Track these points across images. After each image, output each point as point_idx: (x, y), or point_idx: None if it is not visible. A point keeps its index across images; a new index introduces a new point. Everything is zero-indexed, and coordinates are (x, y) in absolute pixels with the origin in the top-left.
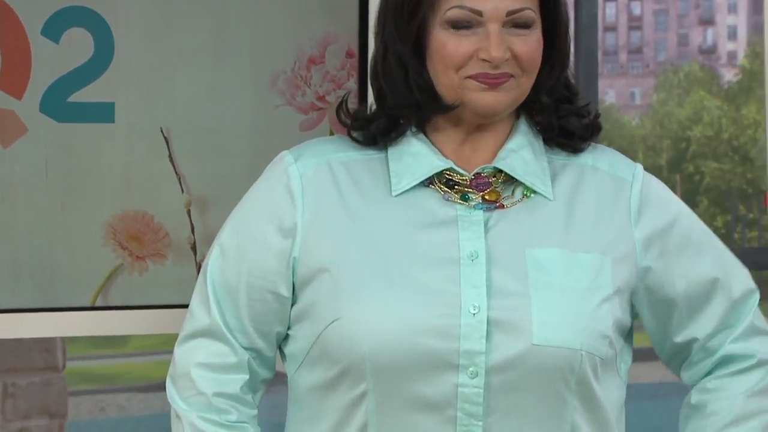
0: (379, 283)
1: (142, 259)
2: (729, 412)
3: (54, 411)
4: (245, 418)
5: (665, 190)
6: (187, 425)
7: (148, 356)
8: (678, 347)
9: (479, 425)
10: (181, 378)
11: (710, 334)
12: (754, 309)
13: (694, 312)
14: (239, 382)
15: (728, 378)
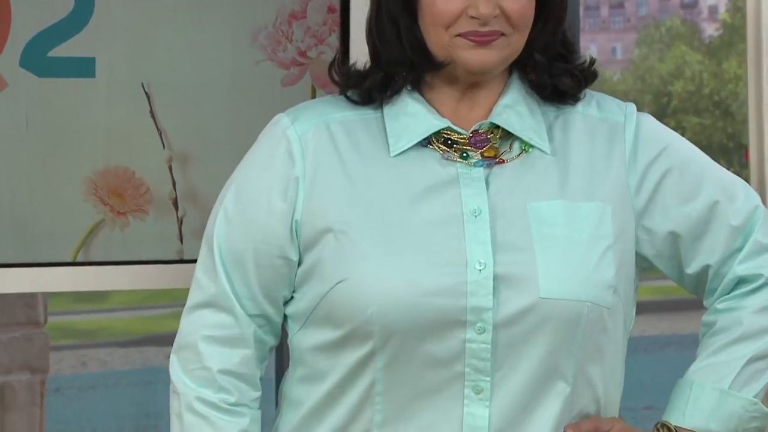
0: (385, 243)
1: (124, 214)
2: (736, 329)
3: (36, 366)
4: (246, 399)
5: (657, 125)
6: (185, 407)
7: (130, 311)
8: (695, 277)
9: (487, 380)
10: (187, 349)
11: (721, 259)
12: (758, 225)
13: (698, 239)
14: (244, 357)
15: (737, 299)
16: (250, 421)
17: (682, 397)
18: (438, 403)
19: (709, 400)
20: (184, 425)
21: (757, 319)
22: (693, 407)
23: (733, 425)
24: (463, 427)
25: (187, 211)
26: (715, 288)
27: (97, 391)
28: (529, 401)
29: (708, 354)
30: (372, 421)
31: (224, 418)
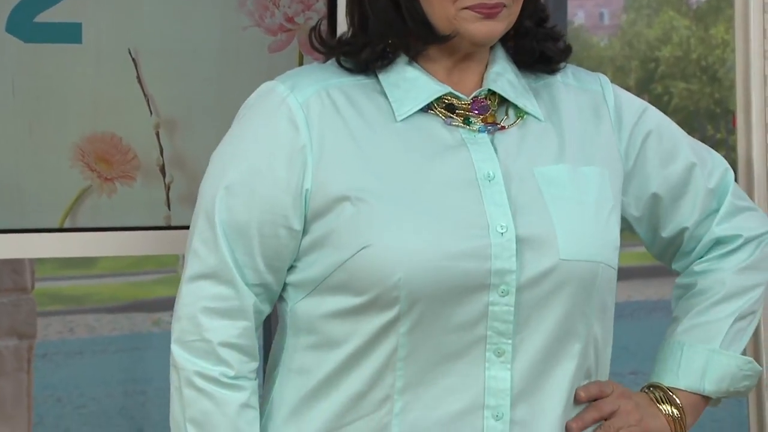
0: (405, 209)
1: (111, 180)
2: (719, 289)
3: (23, 332)
4: (245, 371)
5: (629, 93)
6: (184, 382)
7: (117, 277)
8: (669, 241)
9: (509, 343)
10: (186, 320)
11: (697, 222)
12: (731, 188)
13: (677, 201)
14: (244, 329)
15: (716, 259)
16: (250, 393)
17: (673, 359)
18: (460, 367)
19: (701, 360)
20: (184, 400)
21: (738, 278)
22: (686, 368)
23: (726, 384)
24: (486, 390)
25: (174, 177)
26: (689, 251)
27: (84, 357)
28: (547, 362)
29: (693, 315)
30: (393, 386)
31: (225, 393)
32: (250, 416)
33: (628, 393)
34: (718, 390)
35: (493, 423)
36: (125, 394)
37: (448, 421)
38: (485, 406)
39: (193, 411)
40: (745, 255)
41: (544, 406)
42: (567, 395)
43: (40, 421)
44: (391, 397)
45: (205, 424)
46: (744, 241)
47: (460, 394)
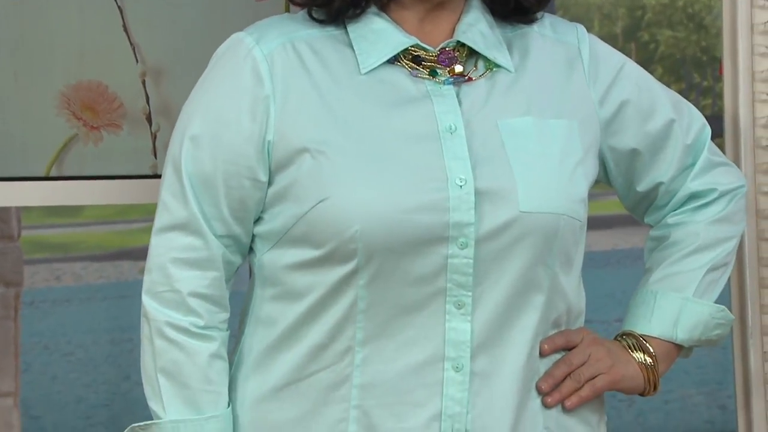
0: (364, 162)
1: (97, 129)
2: (693, 240)
3: (9, 279)
4: (215, 322)
5: (607, 46)
6: (155, 332)
7: (103, 226)
8: (644, 194)
9: (469, 295)
10: (156, 271)
11: (673, 176)
12: (707, 143)
13: (655, 156)
14: (214, 279)
15: (690, 212)
16: (220, 344)
17: (646, 307)
18: (420, 319)
19: (674, 308)
20: (155, 350)
21: (712, 229)
22: (659, 316)
23: (698, 333)
24: (446, 342)
25: (161, 126)
26: (663, 205)
27: (71, 305)
28: (508, 314)
29: (667, 265)
30: (354, 338)
31: (194, 343)
32: (220, 366)
33: (599, 340)
34: (691, 338)
35: (453, 374)
36: (112, 342)
37: (408, 373)
38: (445, 358)
39: (164, 361)
40: (719, 208)
41: (505, 358)
42: (529, 347)
43: (27, 368)
44: (352, 349)
45: (176, 374)
46: (718, 194)
47: (421, 346)
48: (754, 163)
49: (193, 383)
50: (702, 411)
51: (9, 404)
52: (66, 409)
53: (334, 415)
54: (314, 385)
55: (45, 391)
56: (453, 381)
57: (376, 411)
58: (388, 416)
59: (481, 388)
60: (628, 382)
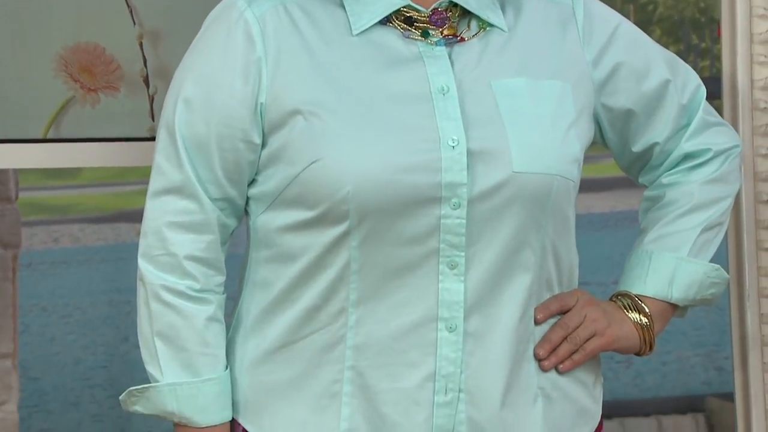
0: (356, 123)
1: (94, 91)
2: (687, 200)
3: (7, 241)
4: (211, 285)
5: (602, 5)
6: (151, 296)
7: (101, 188)
8: (638, 155)
9: (462, 255)
10: (152, 235)
11: (668, 137)
12: (702, 104)
13: (650, 117)
14: (209, 243)
15: (685, 172)
16: (216, 307)
17: (641, 267)
18: (413, 280)
19: (669, 268)
20: (151, 314)
21: (707, 189)
22: (654, 276)
23: (693, 292)
24: (439, 302)
25: (158, 88)
26: (657, 165)
27: (69, 267)
28: (501, 274)
29: (661, 225)
30: (347, 299)
31: (191, 306)
32: (217, 329)
33: (594, 301)
34: (686, 297)
35: (447, 335)
36: (110, 304)
37: (402, 334)
38: (439, 318)
39: (161, 324)
40: (714, 168)
41: (498, 318)
42: (522, 307)
43: (25, 329)
44: (345, 310)
45: (173, 337)
46: (713, 154)
47: (414, 306)
48: (752, 125)
49: (190, 346)
50: (699, 372)
51: (7, 366)
52: (64, 371)
53: (329, 376)
54: (309, 347)
55: (43, 352)
56: (447, 341)
57: (370, 371)
58: (382, 377)
59: (474, 348)
60: (624, 342)
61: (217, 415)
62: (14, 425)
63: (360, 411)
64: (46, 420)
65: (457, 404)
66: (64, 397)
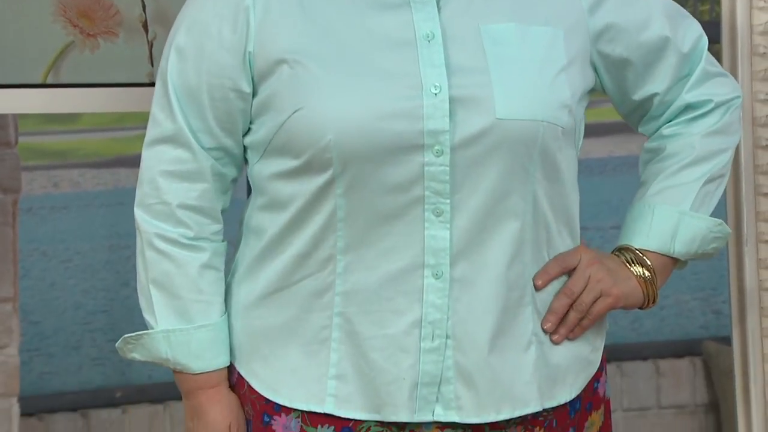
0: (339, 70)
1: (93, 36)
2: (688, 152)
3: (7, 186)
4: (205, 233)
5: None
6: (146, 244)
7: (100, 133)
8: (638, 104)
9: (447, 203)
10: (147, 184)
11: (668, 88)
12: (704, 54)
13: (649, 68)
14: (203, 191)
15: (685, 123)
16: (211, 255)
17: (644, 221)
18: (399, 227)
19: (672, 222)
20: (146, 262)
21: (708, 141)
22: (657, 230)
23: (695, 246)
24: (425, 249)
25: (157, 34)
26: (658, 115)
27: (69, 212)
28: (488, 221)
29: (663, 178)
30: (335, 246)
31: (184, 254)
32: (212, 277)
33: (597, 258)
34: (688, 251)
35: (433, 281)
36: (110, 249)
37: (388, 281)
38: (425, 265)
39: (155, 272)
40: (714, 119)
41: (485, 264)
42: (510, 253)
43: (26, 274)
44: (333, 257)
45: (167, 285)
46: (714, 105)
47: (400, 253)
48: (750, 70)
49: (184, 293)
50: (697, 316)
51: (8, 310)
52: (65, 315)
53: (319, 322)
54: (299, 292)
55: (44, 296)
56: (433, 288)
57: (358, 318)
58: (369, 323)
59: (461, 294)
60: (629, 299)
61: (212, 362)
62: (15, 368)
63: (348, 357)
64: (47, 363)
65: (445, 350)
66: (65, 341)
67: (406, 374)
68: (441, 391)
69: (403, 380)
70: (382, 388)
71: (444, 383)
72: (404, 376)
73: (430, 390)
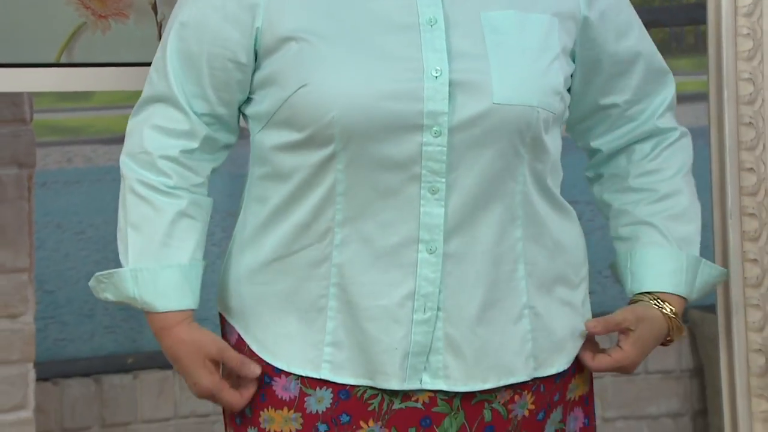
0: (345, 50)
1: (105, 18)
2: (679, 199)
3: (23, 161)
4: (185, 184)
5: None
6: (127, 189)
7: (112, 110)
8: (597, 108)
9: (442, 181)
10: (136, 135)
11: (630, 101)
12: (673, 91)
13: (617, 76)
14: (187, 148)
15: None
16: (189, 203)
17: (682, 271)
18: (396, 203)
19: (694, 270)
20: (126, 205)
21: (686, 182)
22: (689, 278)
23: (703, 293)
24: (420, 225)
25: (166, 15)
26: (620, 126)
27: (82, 186)
28: (481, 200)
29: (672, 226)
30: (333, 219)
31: (162, 199)
32: (186, 224)
33: (636, 312)
34: (699, 297)
35: (427, 256)
36: None
37: (384, 254)
38: (419, 240)
39: (134, 215)
40: (688, 156)
41: (477, 241)
42: (500, 230)
43: (41, 245)
44: (332, 230)
45: (143, 227)
46: (680, 134)
47: (396, 228)
48: (735, 51)
49: (157, 237)
50: None
51: (24, 279)
52: (78, 285)
53: (316, 291)
54: (298, 261)
55: (58, 267)
56: (426, 262)
57: (353, 289)
58: (364, 294)
59: (453, 268)
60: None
61: (176, 302)
62: (31, 335)
63: (343, 325)
64: (62, 331)
65: (435, 322)
66: (78, 309)
67: (398, 344)
68: (429, 360)
69: (395, 350)
70: (375, 357)
71: (433, 353)
72: (396, 346)
73: (419, 359)
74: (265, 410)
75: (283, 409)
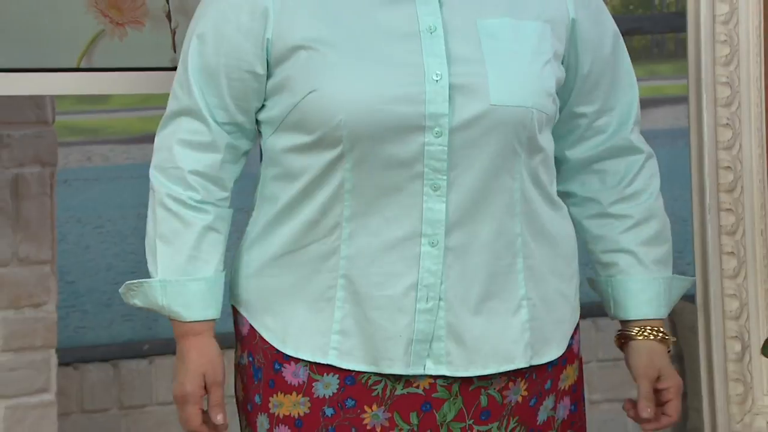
0: (351, 58)
1: (122, 25)
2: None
3: (46, 160)
4: (212, 198)
5: None
6: (158, 203)
7: (129, 112)
8: (572, 116)
9: (444, 179)
10: (165, 150)
11: (598, 111)
12: (638, 106)
13: (590, 85)
14: (214, 161)
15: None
16: (215, 218)
17: (664, 294)
18: (400, 199)
19: (667, 289)
20: (156, 218)
21: (658, 206)
22: (665, 299)
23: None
24: (423, 220)
25: (179, 23)
26: (589, 137)
27: (101, 183)
28: (480, 195)
29: (648, 251)
30: (341, 215)
31: (190, 214)
32: (213, 238)
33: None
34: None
35: (429, 249)
36: (138, 216)
37: (389, 247)
38: (422, 234)
39: (163, 228)
40: (656, 182)
41: (477, 235)
42: (499, 225)
43: (62, 239)
44: (340, 225)
45: (172, 240)
46: (647, 155)
47: (400, 223)
48: (713, 57)
49: (185, 249)
50: None
51: (47, 271)
52: (97, 276)
53: (325, 282)
54: (308, 255)
55: (78, 259)
56: (429, 255)
57: (360, 280)
58: (371, 285)
59: (454, 261)
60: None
61: (201, 313)
62: (53, 323)
63: (351, 314)
64: (82, 319)
65: (437, 311)
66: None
67: (402, 332)
68: (432, 347)
69: (399, 337)
70: (381, 344)
71: (435, 340)
72: (401, 334)
73: (422, 346)
74: (274, 395)
75: (291, 393)
